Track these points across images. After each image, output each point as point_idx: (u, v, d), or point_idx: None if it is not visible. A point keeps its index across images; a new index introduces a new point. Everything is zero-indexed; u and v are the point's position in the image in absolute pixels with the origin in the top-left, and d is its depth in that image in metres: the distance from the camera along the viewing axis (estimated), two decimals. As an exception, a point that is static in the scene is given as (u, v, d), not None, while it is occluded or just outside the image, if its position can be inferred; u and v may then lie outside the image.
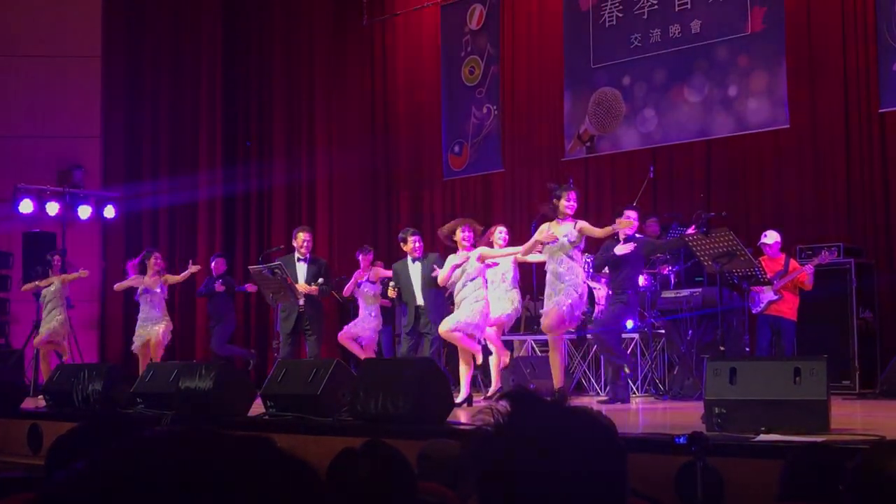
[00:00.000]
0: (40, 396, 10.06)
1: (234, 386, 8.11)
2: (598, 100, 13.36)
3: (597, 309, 10.77)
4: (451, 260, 9.51)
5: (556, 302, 8.61)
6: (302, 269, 10.64)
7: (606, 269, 9.81)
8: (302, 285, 10.46)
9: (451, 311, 9.81)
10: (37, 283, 12.76)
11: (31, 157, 15.23)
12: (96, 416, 8.18)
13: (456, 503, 3.53)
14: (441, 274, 9.57)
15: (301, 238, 10.78)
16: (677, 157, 12.64)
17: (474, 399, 9.47)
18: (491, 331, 9.70)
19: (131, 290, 12.29)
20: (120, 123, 16.18)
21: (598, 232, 8.85)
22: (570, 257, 8.61)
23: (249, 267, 11.61)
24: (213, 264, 13.45)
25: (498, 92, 14.53)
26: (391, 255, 11.84)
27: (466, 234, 9.44)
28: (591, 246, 9.97)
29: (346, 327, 11.89)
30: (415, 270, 10.32)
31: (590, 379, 11.21)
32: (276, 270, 10.30)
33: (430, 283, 10.14)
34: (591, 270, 10.41)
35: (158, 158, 16.37)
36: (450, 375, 8.91)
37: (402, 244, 10.49)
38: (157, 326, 11.77)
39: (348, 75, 16.08)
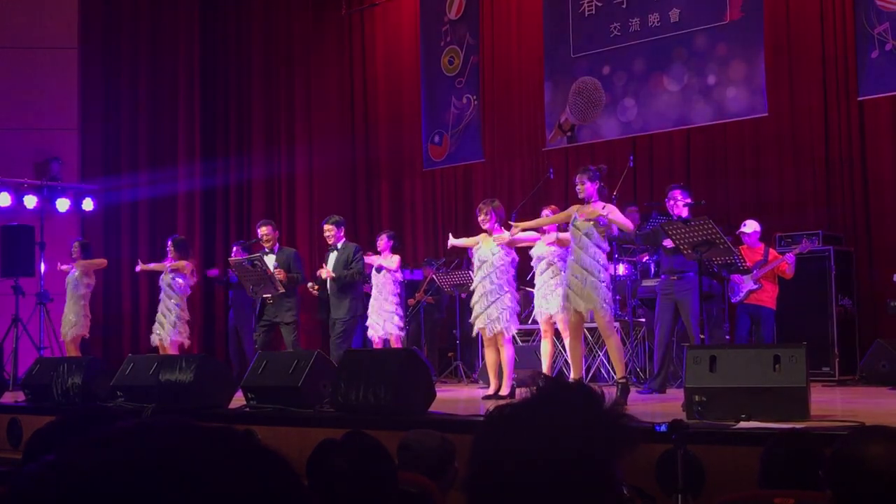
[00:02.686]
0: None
1: (214, 378, 8.10)
2: (578, 89, 13.37)
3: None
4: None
5: (601, 305, 8.03)
6: (270, 261, 10.64)
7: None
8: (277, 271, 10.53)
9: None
10: (63, 267, 12.72)
11: (8, 150, 15.11)
12: (75, 409, 8.16)
13: (436, 493, 3.53)
14: None
15: (260, 232, 10.89)
16: (657, 145, 12.67)
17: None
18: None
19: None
20: (98, 115, 16.07)
21: (626, 225, 8.30)
22: (597, 245, 8.10)
23: (230, 259, 11.58)
24: (233, 251, 13.01)
25: (478, 82, 14.52)
26: (372, 246, 11.81)
27: (480, 216, 9.26)
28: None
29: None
30: (331, 259, 10.51)
31: (570, 368, 11.21)
32: (257, 262, 10.30)
33: (338, 273, 10.36)
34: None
35: (137, 151, 16.27)
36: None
37: None
38: (168, 325, 11.60)
39: (327, 66, 16.04)
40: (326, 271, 10.56)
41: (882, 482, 2.23)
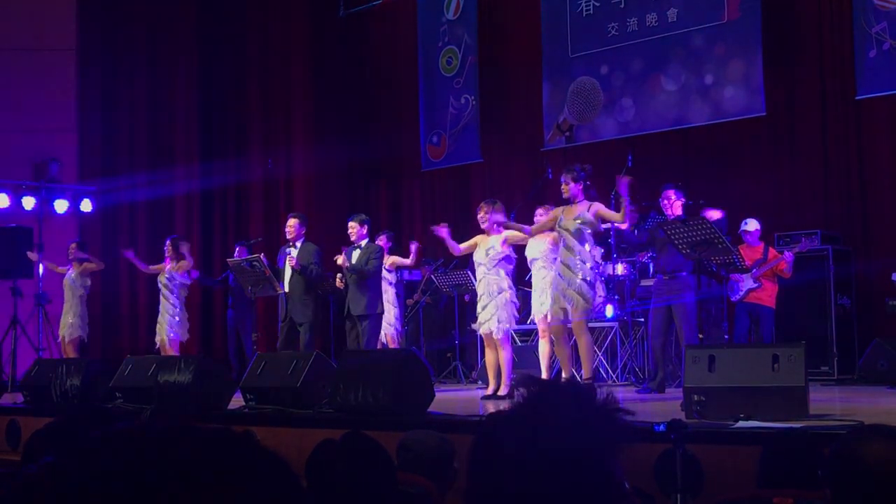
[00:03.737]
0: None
1: (213, 379, 8.08)
2: (576, 90, 13.37)
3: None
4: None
5: (581, 304, 8.12)
6: (292, 254, 10.63)
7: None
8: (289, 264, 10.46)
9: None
10: (57, 266, 12.73)
11: (7, 151, 15.10)
12: (74, 410, 8.15)
13: (435, 494, 3.53)
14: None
15: (288, 224, 10.83)
16: (655, 145, 12.66)
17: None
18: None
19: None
20: (96, 117, 16.06)
21: (616, 216, 8.46)
22: (582, 244, 8.17)
23: (228, 260, 11.57)
24: (235, 251, 12.99)
25: (476, 82, 14.51)
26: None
27: (480, 214, 9.25)
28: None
29: None
30: (354, 256, 10.42)
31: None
32: (255, 263, 10.29)
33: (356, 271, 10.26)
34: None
35: (135, 152, 16.26)
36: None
37: None
38: (167, 325, 11.62)
39: (325, 67, 16.03)
40: (343, 259, 10.43)
41: (881, 481, 2.23)
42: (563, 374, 8.43)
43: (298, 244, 10.64)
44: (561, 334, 8.39)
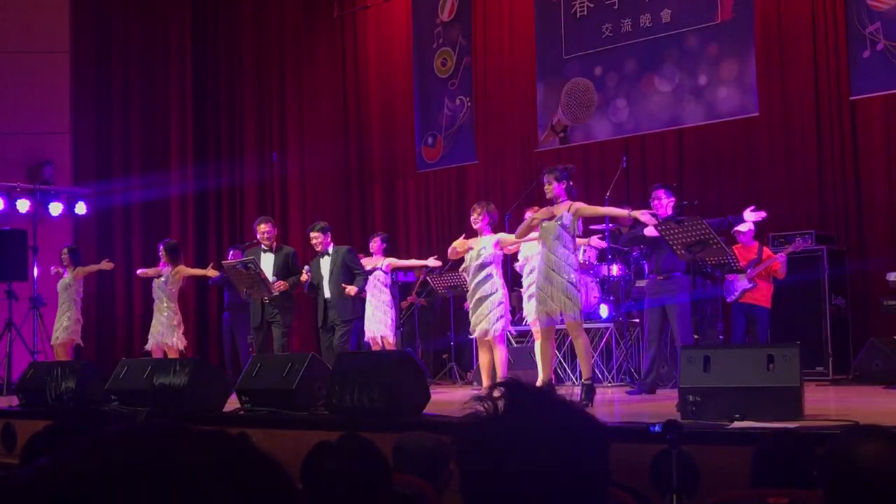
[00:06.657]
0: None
1: (208, 381, 8.09)
2: (570, 90, 13.38)
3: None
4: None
5: (570, 305, 7.96)
6: (268, 260, 10.62)
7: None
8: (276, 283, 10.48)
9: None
10: (57, 269, 12.73)
11: (0, 154, 15.09)
12: (71, 413, 8.15)
13: (431, 495, 3.54)
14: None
15: (260, 230, 10.82)
16: (649, 146, 12.68)
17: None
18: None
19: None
20: (90, 119, 16.05)
21: (600, 210, 8.48)
22: (565, 245, 8.09)
23: (223, 262, 11.56)
24: (230, 255, 12.98)
25: (471, 83, 14.52)
26: (366, 249, 11.83)
27: (473, 216, 9.17)
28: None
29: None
30: (324, 264, 10.49)
31: (565, 369, 11.23)
32: (250, 265, 10.29)
33: (337, 276, 10.30)
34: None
35: (130, 154, 16.25)
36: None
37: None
38: (161, 328, 11.49)
39: (319, 68, 16.04)
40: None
41: (875, 481, 2.23)
42: (541, 377, 8.36)
43: (273, 249, 10.71)
44: (546, 336, 8.35)
